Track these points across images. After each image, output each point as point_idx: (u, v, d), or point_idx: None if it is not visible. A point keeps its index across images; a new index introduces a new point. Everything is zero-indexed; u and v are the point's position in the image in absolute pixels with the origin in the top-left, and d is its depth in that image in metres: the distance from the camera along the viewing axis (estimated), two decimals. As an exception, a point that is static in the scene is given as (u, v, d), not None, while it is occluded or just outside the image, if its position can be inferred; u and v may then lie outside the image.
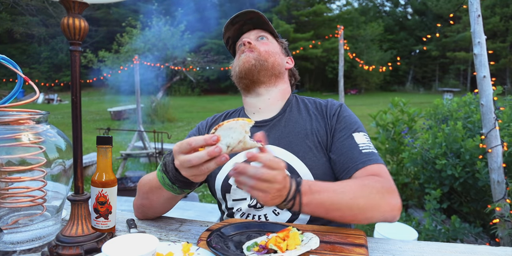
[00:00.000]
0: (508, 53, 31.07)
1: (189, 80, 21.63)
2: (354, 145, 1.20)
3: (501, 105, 3.16)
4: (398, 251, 0.98)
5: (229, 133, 0.86)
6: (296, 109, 1.35)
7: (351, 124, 1.26)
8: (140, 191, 1.19)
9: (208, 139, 0.85)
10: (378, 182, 1.07)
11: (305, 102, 1.38)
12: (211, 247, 0.89)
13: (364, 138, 1.23)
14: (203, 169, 0.86)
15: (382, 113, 4.72)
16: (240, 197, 1.26)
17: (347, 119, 1.27)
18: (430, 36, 3.62)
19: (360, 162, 1.15)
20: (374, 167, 1.14)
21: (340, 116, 1.28)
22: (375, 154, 1.19)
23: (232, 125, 0.86)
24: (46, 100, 23.06)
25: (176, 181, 0.96)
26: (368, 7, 46.84)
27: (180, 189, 0.99)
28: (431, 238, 2.96)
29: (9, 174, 0.97)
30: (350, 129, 1.25)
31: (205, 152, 0.84)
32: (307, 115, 1.32)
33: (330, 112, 1.30)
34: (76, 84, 0.93)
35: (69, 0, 0.88)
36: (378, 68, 7.08)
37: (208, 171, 0.87)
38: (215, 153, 0.84)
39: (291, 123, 1.30)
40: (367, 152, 1.18)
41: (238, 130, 0.86)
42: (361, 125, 1.29)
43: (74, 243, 0.91)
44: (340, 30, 5.62)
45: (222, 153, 0.85)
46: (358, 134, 1.24)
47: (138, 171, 6.36)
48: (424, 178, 3.62)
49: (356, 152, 1.18)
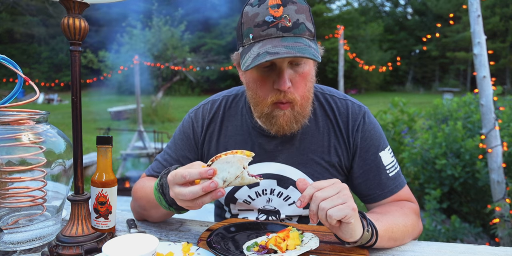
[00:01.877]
0: (508, 53, 31.06)
1: (189, 80, 21.63)
2: (381, 168, 1.12)
3: (501, 105, 3.16)
4: (398, 251, 0.98)
5: (226, 168, 0.83)
6: (313, 118, 1.16)
7: (377, 140, 1.14)
8: (137, 201, 1.16)
9: (203, 173, 0.82)
10: (413, 210, 1.09)
11: (322, 104, 1.18)
12: (211, 247, 0.89)
13: (390, 156, 1.15)
14: (198, 203, 0.84)
15: (382, 113, 4.72)
16: (245, 208, 1.24)
17: (372, 135, 1.14)
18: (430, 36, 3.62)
19: (388, 190, 1.12)
20: (401, 193, 1.13)
21: (365, 131, 1.14)
22: (400, 174, 1.15)
23: (229, 159, 0.83)
24: (46, 100, 23.06)
25: (172, 204, 0.95)
26: (368, 7, 46.85)
27: (177, 210, 0.97)
28: (431, 238, 2.96)
29: (9, 174, 0.97)
30: (376, 147, 1.13)
31: (199, 188, 0.82)
32: (325, 125, 1.16)
33: (353, 126, 1.14)
34: (76, 84, 0.93)
35: (69, 0, 0.88)
36: (378, 68, 7.08)
37: (203, 204, 0.85)
38: (210, 188, 0.81)
39: (308, 137, 1.15)
40: (394, 176, 1.13)
41: (236, 165, 0.83)
42: (384, 137, 1.17)
43: (74, 243, 0.91)
44: (340, 30, 5.62)
45: (218, 188, 0.82)
46: (384, 152, 1.14)
47: (138, 171, 6.36)
48: (424, 178, 3.62)
49: (384, 178, 1.12)
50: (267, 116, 1.06)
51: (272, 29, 0.94)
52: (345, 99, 1.19)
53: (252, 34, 0.97)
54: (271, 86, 1.02)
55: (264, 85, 1.03)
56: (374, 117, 1.19)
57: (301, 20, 0.96)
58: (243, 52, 1.01)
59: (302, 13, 0.97)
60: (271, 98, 1.02)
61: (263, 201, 1.20)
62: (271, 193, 1.19)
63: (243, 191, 1.19)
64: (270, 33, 0.94)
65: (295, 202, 1.16)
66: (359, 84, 36.47)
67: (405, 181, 1.16)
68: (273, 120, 1.05)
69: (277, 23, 0.94)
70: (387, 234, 0.94)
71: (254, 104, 1.09)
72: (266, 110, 1.05)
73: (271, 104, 1.04)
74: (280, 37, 0.94)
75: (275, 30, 0.94)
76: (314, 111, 1.17)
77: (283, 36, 0.94)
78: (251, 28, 0.97)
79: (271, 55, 0.91)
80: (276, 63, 1.00)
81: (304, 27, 0.97)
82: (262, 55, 0.92)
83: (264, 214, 1.22)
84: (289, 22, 0.94)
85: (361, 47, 35.20)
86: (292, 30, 0.95)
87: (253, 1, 0.99)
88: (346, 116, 1.15)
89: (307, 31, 0.98)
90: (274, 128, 1.07)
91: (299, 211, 1.20)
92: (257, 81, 1.04)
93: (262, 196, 1.20)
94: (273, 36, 0.95)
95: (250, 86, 1.08)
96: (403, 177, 1.16)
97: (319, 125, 1.16)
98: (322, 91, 1.21)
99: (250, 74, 1.06)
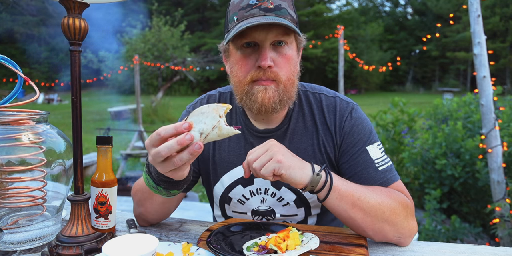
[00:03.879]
0: (508, 53, 31.07)
1: (189, 80, 21.61)
2: (369, 162, 1.09)
3: (501, 105, 3.16)
4: (398, 251, 0.98)
5: (202, 119, 0.78)
6: (301, 118, 1.17)
7: (364, 134, 1.12)
8: (135, 200, 1.15)
9: (178, 126, 0.77)
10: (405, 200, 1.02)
11: (310, 103, 1.19)
12: (211, 247, 0.89)
13: (379, 150, 1.11)
14: (177, 161, 0.79)
15: (382, 113, 4.72)
16: (240, 211, 1.23)
17: (359, 129, 1.13)
18: (430, 36, 3.62)
19: (378, 184, 1.07)
20: (393, 187, 1.08)
21: (352, 126, 1.13)
22: (391, 169, 1.10)
23: (204, 109, 0.78)
24: (46, 100, 23.06)
25: (160, 181, 0.92)
26: (368, 7, 46.87)
27: (166, 190, 0.94)
28: (431, 238, 2.96)
29: (9, 174, 0.97)
30: (363, 141, 1.11)
31: (174, 141, 0.76)
32: (313, 125, 1.16)
33: (340, 122, 1.14)
34: (76, 84, 0.93)
35: (69, 0, 0.88)
36: (378, 68, 7.07)
37: (184, 164, 0.81)
38: (186, 141, 0.76)
39: (297, 137, 1.16)
40: (383, 169, 1.08)
41: (212, 114, 0.78)
42: (374, 132, 1.15)
43: (74, 243, 0.91)
44: (340, 30, 5.62)
45: (195, 141, 0.77)
46: (372, 146, 1.11)
47: (138, 171, 6.36)
48: (424, 178, 3.62)
49: (372, 171, 1.08)
50: (247, 94, 1.04)
51: (255, 9, 0.99)
52: (334, 96, 1.19)
53: (236, 17, 1.02)
54: (253, 65, 1.02)
55: (246, 65, 1.04)
56: (363, 113, 1.18)
57: (283, 5, 1.01)
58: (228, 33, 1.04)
59: (285, 1, 1.02)
60: (251, 75, 1.02)
61: (257, 201, 1.20)
62: (265, 192, 1.19)
63: (237, 190, 1.20)
64: (253, 13, 0.99)
65: (288, 203, 1.18)
66: (359, 84, 36.49)
67: (398, 177, 1.11)
68: (252, 96, 1.03)
69: (260, 4, 0.99)
70: (350, 198, 0.94)
71: (235, 86, 1.09)
72: (246, 88, 1.04)
73: (250, 82, 1.03)
74: (262, 16, 0.99)
75: (258, 10, 0.99)
76: (302, 111, 1.18)
77: (265, 15, 0.99)
78: (236, 12, 1.02)
79: (250, 24, 0.95)
80: (259, 43, 1.02)
81: (286, 12, 1.01)
82: (242, 25, 0.96)
83: (259, 216, 1.22)
84: (271, 5, 1.00)
85: (361, 47, 35.22)
86: (274, 11, 1.00)
87: None
88: (334, 113, 1.15)
89: (289, 16, 1.01)
90: (255, 105, 1.03)
91: (294, 211, 1.20)
92: (240, 61, 1.05)
93: (256, 195, 1.19)
94: (256, 15, 0.99)
95: (233, 69, 1.08)
96: (396, 173, 1.11)
97: (307, 124, 1.17)
98: (312, 90, 1.22)
99: (234, 57, 1.07)
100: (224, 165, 1.20)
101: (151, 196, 1.05)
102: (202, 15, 42.48)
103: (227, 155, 1.19)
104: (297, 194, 1.16)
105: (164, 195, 0.97)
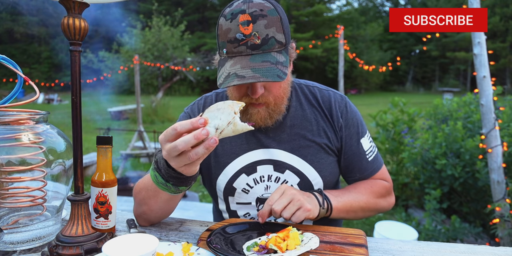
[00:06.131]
0: (508, 53, 31.08)
1: (189, 80, 21.62)
2: (362, 153, 1.26)
3: (501, 105, 3.16)
4: (398, 251, 0.98)
5: (217, 115, 0.81)
6: (300, 107, 1.26)
7: (358, 127, 1.26)
8: (137, 199, 1.15)
9: (194, 122, 0.80)
10: (383, 188, 1.27)
11: (306, 94, 1.28)
12: (211, 247, 0.89)
13: (368, 142, 1.29)
14: (192, 156, 0.81)
15: (382, 113, 4.72)
16: (245, 201, 1.25)
17: (354, 122, 1.26)
18: (430, 36, 3.62)
19: (367, 174, 1.28)
20: (377, 174, 1.30)
21: (348, 119, 1.25)
22: (378, 157, 1.31)
23: (220, 106, 0.81)
24: (46, 100, 23.05)
25: (169, 178, 0.92)
26: (368, 7, 46.90)
27: (175, 186, 0.95)
28: (431, 238, 2.96)
29: (9, 174, 0.97)
30: (358, 134, 1.26)
31: (191, 135, 0.79)
32: (312, 112, 1.25)
33: (337, 113, 1.24)
34: (76, 84, 0.93)
35: (69, 0, 0.88)
36: (378, 68, 7.07)
37: (198, 159, 0.83)
38: (202, 135, 0.79)
39: (297, 122, 1.24)
40: (372, 160, 1.28)
41: (227, 110, 0.81)
42: (364, 123, 1.30)
43: (74, 243, 0.91)
44: (340, 30, 5.62)
45: (210, 136, 0.80)
46: (364, 138, 1.27)
47: (138, 171, 6.36)
48: (424, 178, 3.62)
49: (364, 162, 1.27)
50: (242, 113, 1.13)
51: (242, 47, 1.02)
52: (327, 89, 1.31)
53: (225, 49, 1.05)
54: (246, 91, 1.11)
55: (239, 92, 1.13)
56: (354, 106, 1.31)
57: (271, 35, 1.02)
58: (219, 64, 1.09)
59: (272, 26, 1.02)
60: (245, 99, 1.11)
61: (261, 188, 1.23)
62: (268, 179, 1.23)
63: (241, 179, 1.22)
64: (241, 51, 1.02)
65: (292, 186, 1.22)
66: (359, 84, 36.48)
67: (382, 162, 1.32)
68: (247, 116, 1.14)
69: (247, 41, 1.01)
70: (345, 208, 1.15)
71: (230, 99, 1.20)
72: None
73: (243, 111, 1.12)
74: (249, 55, 1.02)
75: (245, 48, 1.02)
76: (300, 101, 1.27)
77: (252, 54, 1.02)
78: (225, 42, 1.04)
79: (238, 79, 0.99)
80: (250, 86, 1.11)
81: (274, 41, 1.03)
82: (231, 76, 1.01)
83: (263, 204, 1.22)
84: (258, 39, 1.01)
85: (361, 47, 35.24)
86: (261, 47, 1.02)
87: (226, 14, 1.04)
88: (329, 104, 1.26)
89: (277, 44, 1.03)
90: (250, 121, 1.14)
91: None
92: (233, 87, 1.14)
93: (260, 183, 1.23)
94: (243, 54, 1.02)
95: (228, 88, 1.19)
96: (381, 158, 1.32)
97: (306, 112, 1.25)
98: (306, 84, 1.32)
99: None
100: (226, 156, 1.24)
101: (157, 193, 1.05)
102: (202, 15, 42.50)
103: (229, 146, 1.24)
104: (301, 177, 1.22)
105: (172, 192, 0.98)
